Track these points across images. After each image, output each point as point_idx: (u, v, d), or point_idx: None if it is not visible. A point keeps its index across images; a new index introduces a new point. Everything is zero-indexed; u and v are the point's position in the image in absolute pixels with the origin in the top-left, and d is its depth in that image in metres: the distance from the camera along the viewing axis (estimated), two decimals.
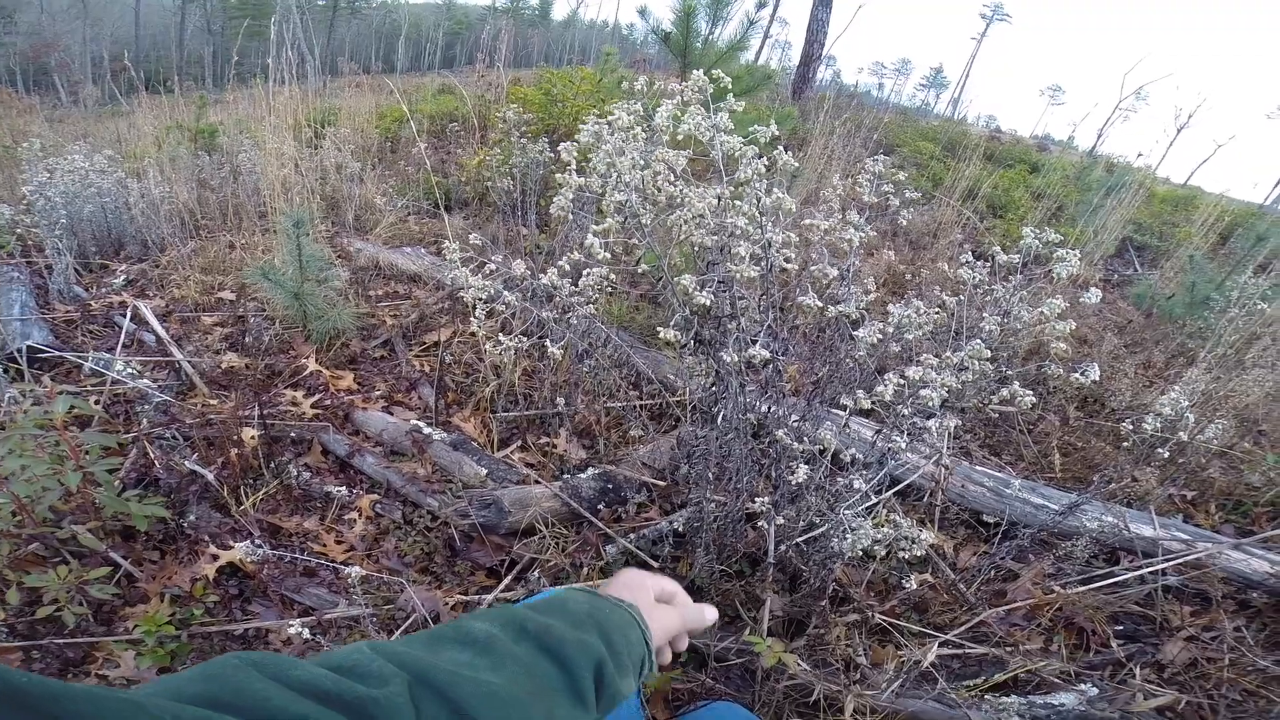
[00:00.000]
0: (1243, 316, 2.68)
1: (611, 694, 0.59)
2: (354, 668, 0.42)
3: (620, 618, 0.67)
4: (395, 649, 0.47)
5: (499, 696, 0.47)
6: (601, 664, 0.58)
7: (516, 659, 0.53)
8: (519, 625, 0.58)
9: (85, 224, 2.95)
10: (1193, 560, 1.56)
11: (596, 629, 0.62)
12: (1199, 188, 8.91)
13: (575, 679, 0.56)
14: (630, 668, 0.63)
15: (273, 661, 0.39)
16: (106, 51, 17.26)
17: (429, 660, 0.47)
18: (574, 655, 0.57)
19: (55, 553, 1.29)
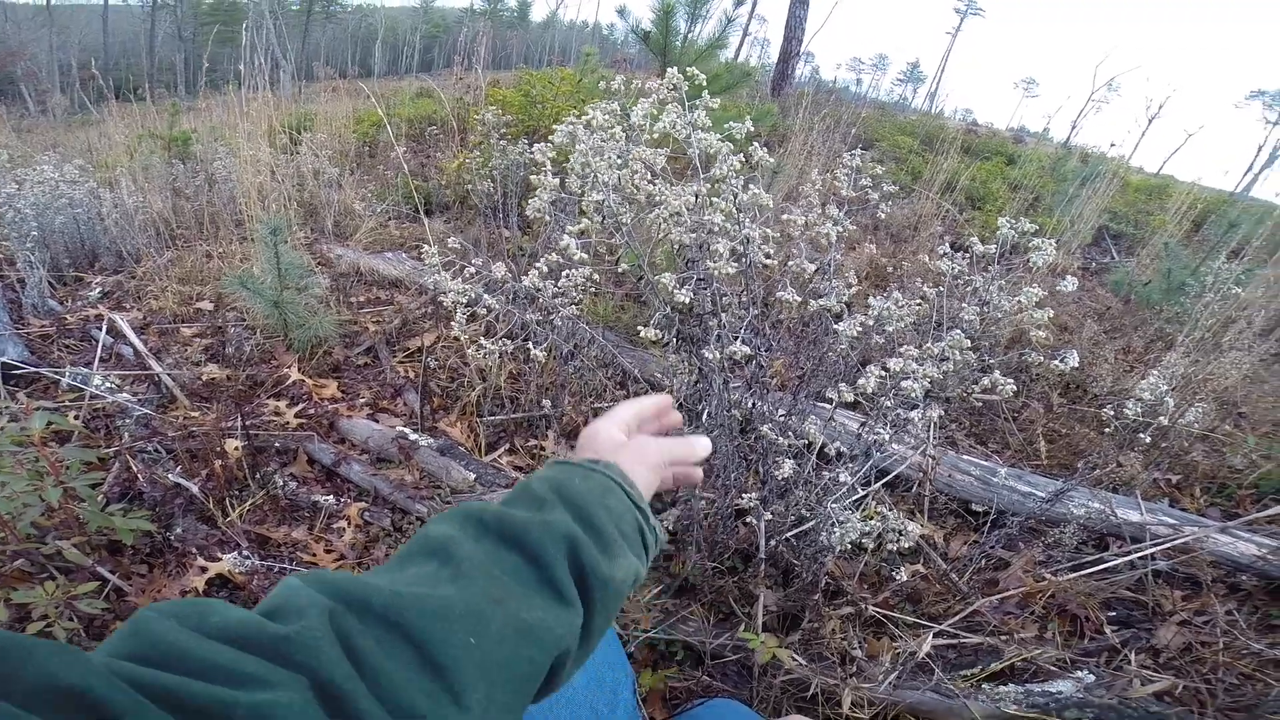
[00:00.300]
0: (1218, 301, 2.73)
1: (601, 579, 0.50)
2: (281, 606, 0.38)
3: (594, 484, 0.56)
4: (334, 577, 0.41)
5: (451, 610, 0.41)
6: (575, 545, 0.49)
7: (476, 561, 0.46)
8: (476, 520, 0.50)
9: (57, 236, 2.89)
10: (1180, 545, 1.57)
11: (563, 504, 0.53)
12: (1172, 176, 9.07)
13: (545, 569, 0.48)
14: (621, 541, 0.54)
15: (191, 610, 0.36)
16: (75, 60, 16.94)
17: (374, 584, 0.41)
18: (539, 541, 0.48)
19: (41, 568, 1.27)
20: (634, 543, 0.55)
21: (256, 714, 0.31)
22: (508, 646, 0.42)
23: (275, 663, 0.34)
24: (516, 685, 0.43)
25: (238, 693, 0.31)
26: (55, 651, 0.27)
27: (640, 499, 0.58)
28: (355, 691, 0.34)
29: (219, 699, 0.30)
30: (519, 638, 0.43)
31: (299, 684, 0.33)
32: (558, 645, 0.46)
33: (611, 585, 0.50)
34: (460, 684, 0.39)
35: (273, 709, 0.31)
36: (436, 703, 0.38)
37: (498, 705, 0.41)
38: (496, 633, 0.42)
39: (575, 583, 0.49)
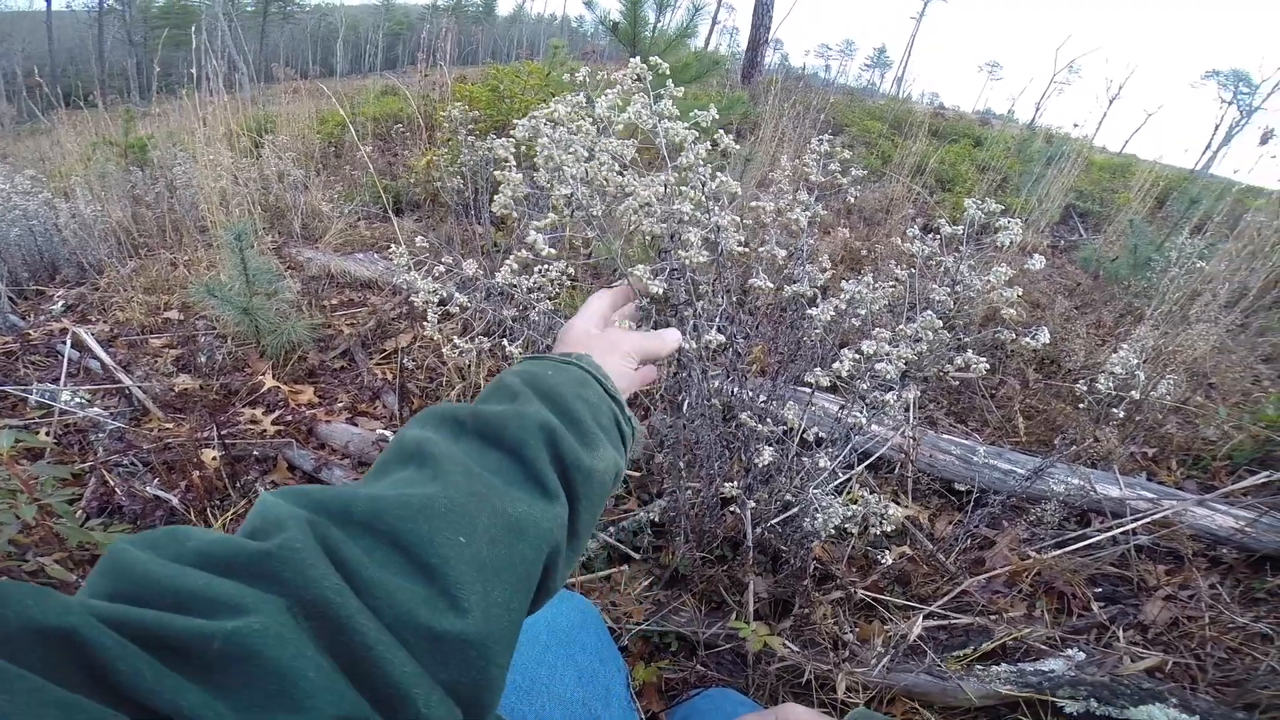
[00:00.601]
0: (1183, 275, 2.79)
1: (584, 471, 0.49)
2: (259, 526, 0.36)
3: (569, 376, 0.55)
4: (310, 490, 0.39)
5: (434, 508, 0.39)
6: (554, 436, 0.48)
7: (455, 459, 0.44)
8: (452, 419, 0.49)
9: (13, 249, 2.81)
10: (1160, 519, 1.59)
11: (540, 397, 0.51)
12: (1134, 155, 9.26)
13: (526, 462, 0.46)
14: (600, 433, 0.53)
15: (167, 538, 0.34)
16: (19, 67, 16.38)
17: (351, 492, 0.39)
18: (517, 434, 0.47)
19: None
20: (612, 435, 0.54)
21: (232, 644, 0.29)
22: (500, 545, 0.41)
23: (259, 583, 0.32)
24: (513, 583, 0.41)
25: (213, 622, 0.29)
26: (33, 594, 0.26)
27: (615, 391, 0.57)
28: (347, 604, 0.33)
29: (196, 631, 0.29)
30: (508, 534, 0.42)
31: (273, 605, 0.31)
32: (547, 540, 0.44)
33: (594, 477, 0.50)
34: (455, 585, 0.37)
35: (248, 636, 0.29)
36: (433, 608, 0.36)
37: (497, 605, 0.39)
38: (484, 529, 0.40)
39: (558, 475, 0.47)
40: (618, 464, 0.54)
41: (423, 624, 0.35)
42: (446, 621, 0.36)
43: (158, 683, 0.26)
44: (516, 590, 0.41)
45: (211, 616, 0.30)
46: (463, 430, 0.48)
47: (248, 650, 0.29)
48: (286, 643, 0.30)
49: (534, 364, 0.57)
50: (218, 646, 0.28)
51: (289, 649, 0.30)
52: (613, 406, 0.56)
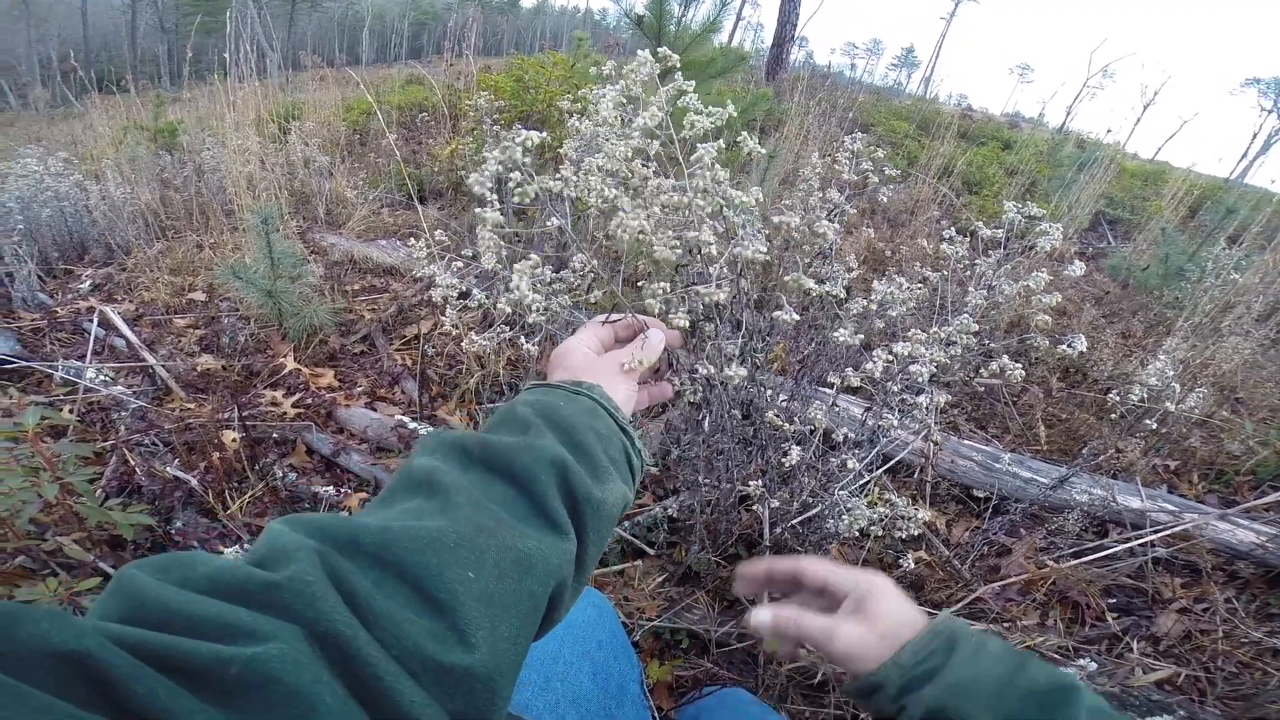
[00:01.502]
0: (1218, 287, 2.73)
1: (593, 505, 0.48)
2: (267, 554, 0.36)
3: (581, 407, 0.55)
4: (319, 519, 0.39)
5: (444, 543, 0.39)
6: (566, 470, 0.48)
7: (464, 491, 0.44)
8: (460, 449, 0.48)
9: (45, 229, 2.85)
10: (1180, 531, 1.57)
11: (552, 428, 0.51)
12: (1167, 162, 9.08)
13: (536, 496, 0.46)
14: (610, 465, 0.52)
15: (175, 563, 0.34)
16: (54, 52, 16.68)
17: (360, 522, 0.39)
18: (527, 467, 0.46)
19: (43, 565, 1.26)
20: (621, 467, 0.54)
21: (251, 669, 0.29)
22: (509, 580, 0.41)
23: (268, 612, 0.32)
24: (520, 618, 0.41)
25: (231, 648, 0.29)
26: (46, 616, 0.26)
27: (625, 422, 0.57)
28: (357, 638, 0.33)
29: (211, 655, 0.29)
30: (517, 569, 0.42)
31: (294, 633, 0.32)
32: (555, 575, 0.44)
33: (603, 509, 0.49)
34: (463, 620, 0.37)
35: (268, 662, 0.29)
36: (441, 643, 0.36)
37: (504, 640, 0.39)
38: (493, 564, 0.40)
39: (567, 510, 0.47)
40: (626, 496, 0.53)
41: (430, 657, 0.35)
42: (454, 655, 0.36)
43: (172, 703, 0.26)
44: (523, 624, 0.42)
45: (228, 642, 0.30)
46: (471, 460, 0.48)
47: (267, 675, 0.29)
48: (304, 668, 0.30)
49: (545, 393, 0.56)
50: (235, 671, 0.29)
51: (307, 674, 0.30)
52: (623, 438, 0.56)
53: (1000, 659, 0.56)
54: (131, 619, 0.30)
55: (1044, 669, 0.54)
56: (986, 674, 0.54)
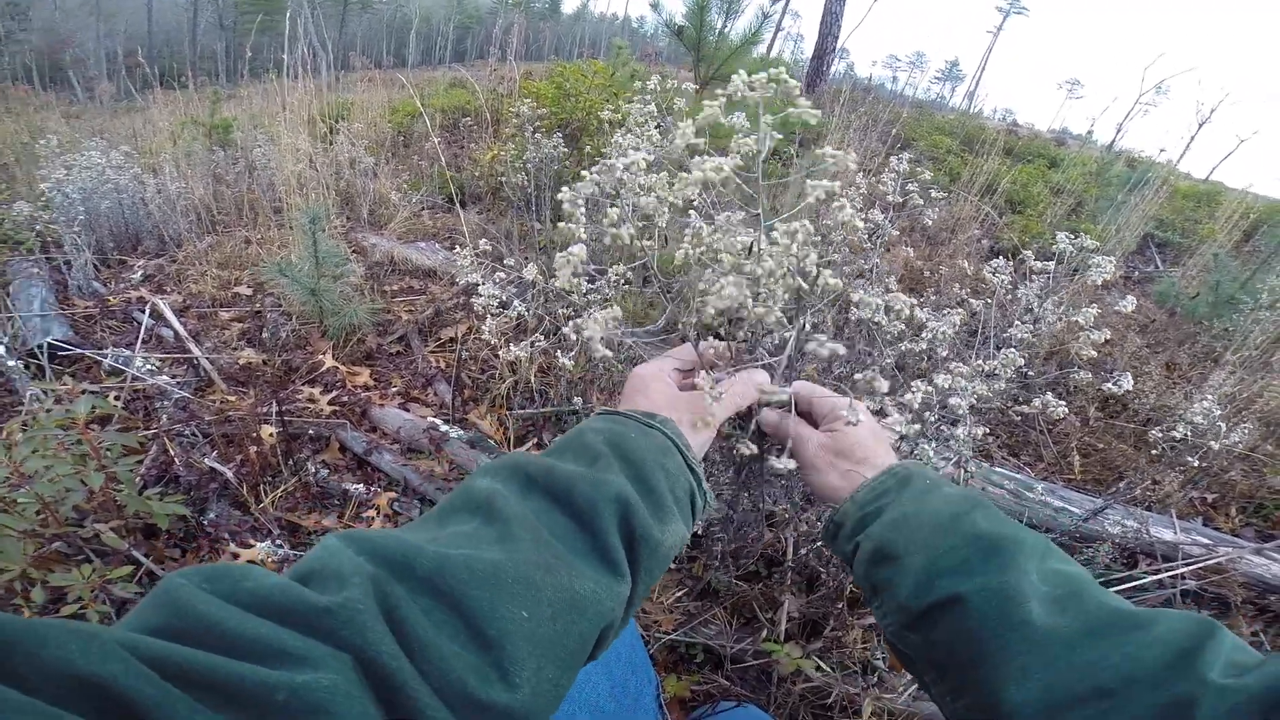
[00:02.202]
0: (1272, 319, 2.62)
1: (650, 547, 0.47)
2: (319, 570, 0.35)
3: (653, 442, 0.53)
4: (374, 538, 0.38)
5: (501, 578, 0.38)
6: (628, 509, 0.46)
7: (524, 521, 0.43)
8: (523, 474, 0.47)
9: (103, 220, 2.97)
10: (1212, 565, 1.54)
11: (621, 461, 0.49)
12: (1221, 183, 8.76)
13: (595, 533, 0.45)
14: (674, 508, 0.50)
15: (223, 575, 0.33)
16: (120, 48, 17.38)
17: (416, 544, 0.38)
18: (591, 502, 0.45)
19: (78, 551, 1.30)
20: (684, 506, 0.53)
21: (298, 697, 0.28)
22: (560, 622, 0.40)
23: (318, 637, 0.32)
24: (565, 661, 0.41)
25: (278, 672, 0.29)
26: (72, 636, 0.25)
27: (695, 462, 0.55)
28: (402, 670, 0.33)
29: (257, 680, 0.28)
30: (571, 611, 0.41)
31: (343, 662, 0.31)
32: (605, 618, 0.44)
33: (660, 551, 0.48)
34: (510, 659, 0.37)
35: (316, 691, 0.29)
36: (484, 680, 0.36)
37: (547, 682, 0.39)
38: (548, 606, 0.40)
39: (625, 549, 0.46)
40: (685, 537, 0.52)
41: (471, 694, 0.35)
42: (495, 693, 0.36)
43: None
44: (568, 668, 0.41)
45: (275, 666, 0.29)
46: (533, 487, 0.47)
47: (315, 705, 0.29)
48: (354, 700, 0.30)
49: (617, 422, 0.55)
50: (283, 698, 0.28)
51: (356, 707, 0.30)
52: (690, 479, 0.54)
53: (950, 500, 0.54)
54: (171, 631, 0.29)
55: (994, 517, 0.52)
56: (929, 511, 0.53)
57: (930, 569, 0.50)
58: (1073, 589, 0.46)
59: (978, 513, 0.52)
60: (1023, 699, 0.41)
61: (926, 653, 0.50)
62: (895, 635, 0.53)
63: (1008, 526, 0.51)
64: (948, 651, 0.48)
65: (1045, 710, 0.40)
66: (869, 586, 0.56)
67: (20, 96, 6.46)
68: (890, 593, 0.52)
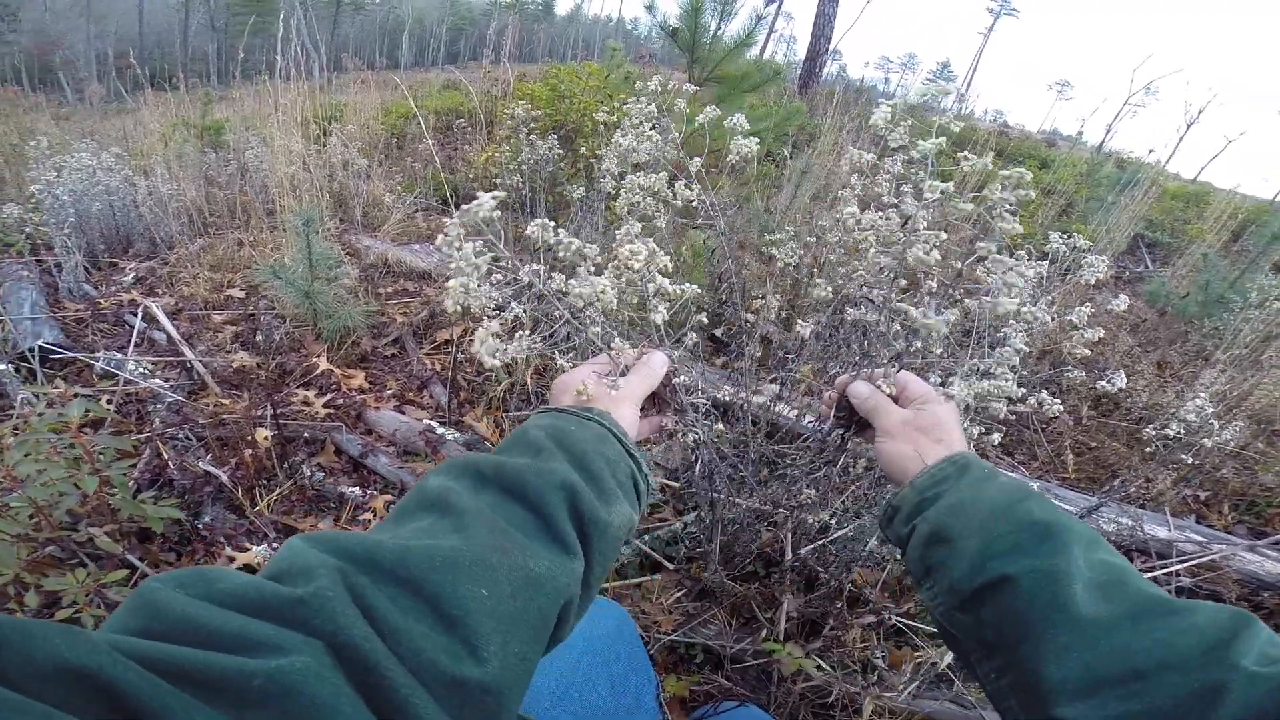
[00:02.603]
0: (1260, 318, 2.65)
1: (600, 527, 0.50)
2: (287, 569, 0.37)
3: (591, 432, 0.57)
4: (337, 536, 0.40)
5: (460, 561, 0.41)
6: (575, 494, 0.49)
7: (477, 512, 0.45)
8: (474, 471, 0.50)
9: (93, 222, 2.95)
10: (1207, 562, 1.56)
11: (563, 452, 0.53)
12: (1210, 184, 8.83)
13: (546, 517, 0.48)
14: (617, 490, 0.54)
15: (197, 577, 0.35)
16: (111, 49, 17.28)
17: (376, 540, 0.40)
18: (539, 489, 0.48)
19: (72, 555, 1.29)
20: (628, 490, 0.56)
21: (274, 681, 0.29)
22: (520, 598, 0.42)
23: (290, 627, 0.33)
24: (529, 635, 0.43)
25: (253, 661, 0.30)
26: (59, 633, 0.26)
27: (633, 447, 0.59)
28: (375, 650, 0.34)
29: (235, 667, 0.29)
30: (528, 588, 0.43)
31: (315, 648, 0.32)
32: (563, 594, 0.46)
33: (609, 532, 0.51)
34: (476, 636, 0.39)
35: (290, 674, 0.30)
36: (454, 657, 0.37)
37: (514, 656, 0.41)
38: (506, 584, 0.42)
39: (576, 531, 0.49)
40: (631, 519, 0.55)
41: (444, 671, 0.36)
42: (467, 669, 0.38)
43: (186, 717, 0.27)
44: (533, 642, 0.43)
45: (251, 656, 0.30)
46: (485, 482, 0.49)
47: (288, 687, 0.30)
48: (325, 681, 0.31)
49: (556, 418, 0.58)
50: (259, 683, 0.29)
51: (327, 687, 0.31)
52: (630, 464, 0.58)
53: (1005, 489, 0.57)
54: (151, 633, 0.30)
55: (1046, 506, 0.55)
56: (986, 498, 0.56)
57: (984, 551, 0.52)
58: (1116, 577, 0.48)
59: (1032, 501, 0.55)
60: (1062, 676, 0.44)
61: (976, 632, 0.52)
62: (945, 616, 0.56)
63: (1060, 515, 0.54)
64: (995, 630, 0.50)
65: (1083, 688, 0.43)
66: (922, 568, 0.59)
67: (10, 98, 6.41)
68: (943, 573, 0.55)
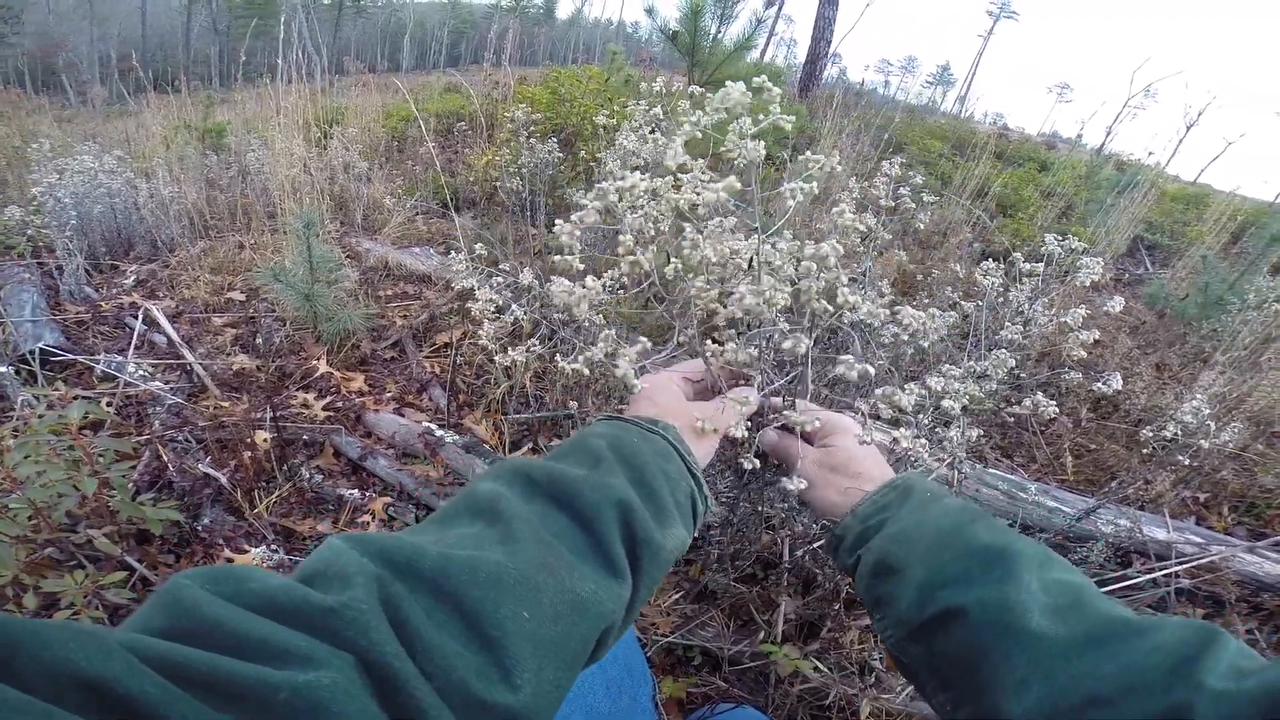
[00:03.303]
0: (1259, 320, 2.65)
1: (652, 550, 0.47)
2: (323, 571, 0.36)
3: (654, 446, 0.54)
4: (378, 540, 0.38)
5: (502, 579, 0.39)
6: (630, 512, 0.47)
7: (526, 522, 0.43)
8: (527, 478, 0.48)
9: (95, 224, 2.96)
10: (1206, 563, 1.56)
11: (623, 465, 0.50)
12: (1209, 185, 8.84)
13: (597, 535, 0.45)
14: (674, 511, 0.51)
15: (227, 576, 0.33)
16: (114, 51, 17.33)
17: (419, 545, 0.39)
18: (593, 504, 0.46)
19: (71, 557, 1.29)
20: (685, 512, 0.53)
21: (300, 696, 0.28)
22: (562, 623, 0.40)
23: (320, 637, 0.32)
24: (567, 662, 0.41)
25: (280, 672, 0.29)
26: (74, 636, 0.25)
27: (696, 466, 0.56)
28: (404, 671, 0.33)
29: (259, 679, 0.28)
30: (572, 613, 0.41)
31: (345, 662, 0.31)
32: (606, 620, 0.44)
33: (661, 555, 0.49)
34: (511, 660, 0.37)
35: (318, 690, 0.29)
36: (486, 680, 0.36)
37: (548, 683, 0.39)
38: (549, 606, 0.40)
39: (626, 552, 0.46)
40: (685, 541, 0.53)
41: (473, 693, 0.35)
42: (497, 694, 0.36)
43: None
44: (569, 669, 0.41)
45: (279, 666, 0.29)
46: (536, 491, 0.47)
47: (315, 703, 0.29)
48: (353, 699, 0.30)
49: (620, 428, 0.55)
50: (284, 697, 0.28)
51: (355, 704, 0.30)
52: (691, 484, 0.55)
53: (950, 513, 0.55)
54: (176, 632, 0.29)
55: (995, 529, 0.53)
56: (930, 524, 0.54)
57: (931, 581, 0.50)
58: (1074, 598, 0.46)
59: (979, 524, 0.53)
60: (1022, 710, 0.42)
61: (928, 663, 0.51)
62: (896, 647, 0.53)
63: (1009, 537, 0.52)
64: (949, 662, 0.48)
65: None
66: (870, 600, 0.57)
67: (12, 100, 6.43)
68: (892, 605, 0.53)
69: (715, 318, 0.60)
